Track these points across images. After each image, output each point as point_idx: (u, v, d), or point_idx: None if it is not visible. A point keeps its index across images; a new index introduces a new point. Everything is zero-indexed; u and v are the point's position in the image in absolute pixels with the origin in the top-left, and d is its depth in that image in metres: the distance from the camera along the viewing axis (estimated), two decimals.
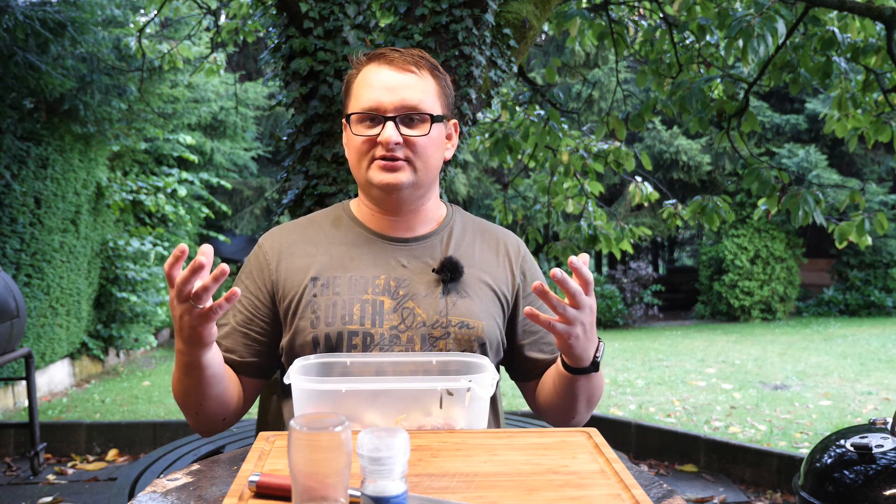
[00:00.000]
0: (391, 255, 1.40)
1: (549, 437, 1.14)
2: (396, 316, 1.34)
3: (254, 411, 5.55)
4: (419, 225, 1.43)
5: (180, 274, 1.10)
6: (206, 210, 9.48)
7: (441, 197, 1.59)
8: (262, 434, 1.14)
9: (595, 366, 1.29)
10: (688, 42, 4.53)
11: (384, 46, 1.42)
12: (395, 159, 1.32)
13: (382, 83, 1.32)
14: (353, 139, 1.36)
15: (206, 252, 1.07)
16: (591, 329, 1.22)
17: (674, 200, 5.11)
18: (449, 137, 1.42)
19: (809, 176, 12.77)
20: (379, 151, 1.32)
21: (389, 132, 1.30)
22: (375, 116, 1.32)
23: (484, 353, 1.36)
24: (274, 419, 3.35)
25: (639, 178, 5.17)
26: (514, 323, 1.45)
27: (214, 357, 1.26)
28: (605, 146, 4.88)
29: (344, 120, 1.40)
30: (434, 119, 1.34)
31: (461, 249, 1.43)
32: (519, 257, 1.48)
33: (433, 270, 1.38)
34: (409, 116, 1.32)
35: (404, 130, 1.32)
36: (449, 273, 1.37)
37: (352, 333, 1.33)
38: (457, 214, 1.49)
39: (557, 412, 1.41)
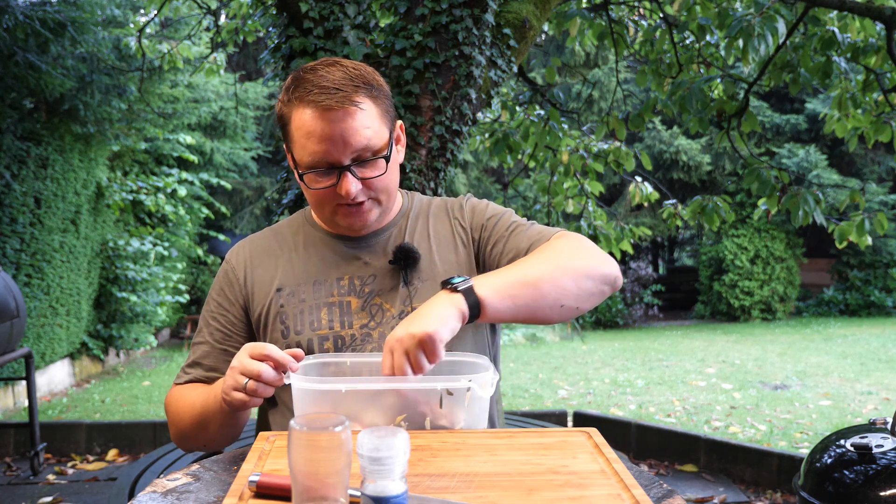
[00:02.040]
0: (352, 254, 1.40)
1: (549, 437, 1.14)
2: (365, 314, 1.35)
3: (254, 411, 5.55)
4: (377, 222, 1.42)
5: (277, 354, 1.14)
6: (205, 210, 9.48)
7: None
8: (262, 434, 1.14)
9: (472, 302, 1.17)
10: (688, 42, 4.53)
11: (328, 62, 1.31)
12: (359, 203, 1.31)
13: (325, 133, 1.25)
14: (307, 189, 1.32)
15: (296, 369, 1.15)
16: (415, 318, 1.15)
17: (674, 200, 5.10)
18: (398, 140, 1.39)
19: (809, 176, 12.77)
20: (340, 199, 1.30)
21: (350, 185, 1.27)
22: (328, 168, 1.28)
23: (459, 332, 1.35)
24: None
25: (639, 178, 5.17)
26: (486, 270, 1.40)
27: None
28: (605, 146, 4.87)
29: (289, 157, 1.35)
30: (387, 157, 1.31)
31: (416, 232, 1.42)
32: (463, 214, 1.45)
33: (389, 262, 1.38)
34: (362, 159, 1.28)
35: (361, 172, 1.29)
36: (403, 260, 1.36)
37: (322, 339, 1.33)
38: (414, 202, 1.48)
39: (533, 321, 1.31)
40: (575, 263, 1.26)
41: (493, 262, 1.39)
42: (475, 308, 1.17)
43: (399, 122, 1.39)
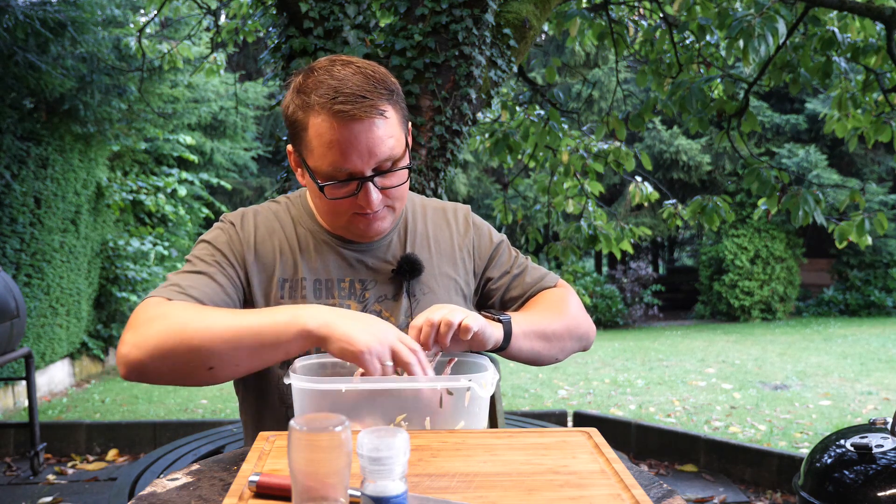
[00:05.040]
0: (355, 257, 1.38)
1: (549, 437, 1.14)
2: None
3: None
4: None
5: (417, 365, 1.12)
6: (205, 210, 9.47)
7: None
8: (262, 434, 1.13)
9: (506, 340, 1.27)
10: (688, 42, 4.53)
11: (333, 63, 1.27)
12: (375, 212, 1.29)
13: (350, 144, 1.20)
14: (323, 198, 1.27)
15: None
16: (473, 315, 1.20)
17: (674, 200, 5.11)
18: (408, 144, 1.35)
19: (809, 176, 12.77)
20: (358, 209, 1.27)
21: (372, 196, 1.25)
22: (348, 178, 1.24)
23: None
24: None
25: (639, 178, 5.17)
26: (484, 295, 1.49)
27: None
28: (605, 146, 4.88)
29: (297, 158, 1.30)
30: (409, 166, 1.30)
31: (417, 239, 1.42)
32: (468, 231, 1.48)
33: (393, 272, 1.37)
34: (384, 169, 1.25)
35: (381, 182, 1.26)
36: (408, 273, 1.36)
37: None
38: (407, 202, 1.47)
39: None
40: (579, 330, 1.42)
41: (494, 293, 1.47)
42: (506, 341, 1.27)
43: (409, 124, 1.36)
